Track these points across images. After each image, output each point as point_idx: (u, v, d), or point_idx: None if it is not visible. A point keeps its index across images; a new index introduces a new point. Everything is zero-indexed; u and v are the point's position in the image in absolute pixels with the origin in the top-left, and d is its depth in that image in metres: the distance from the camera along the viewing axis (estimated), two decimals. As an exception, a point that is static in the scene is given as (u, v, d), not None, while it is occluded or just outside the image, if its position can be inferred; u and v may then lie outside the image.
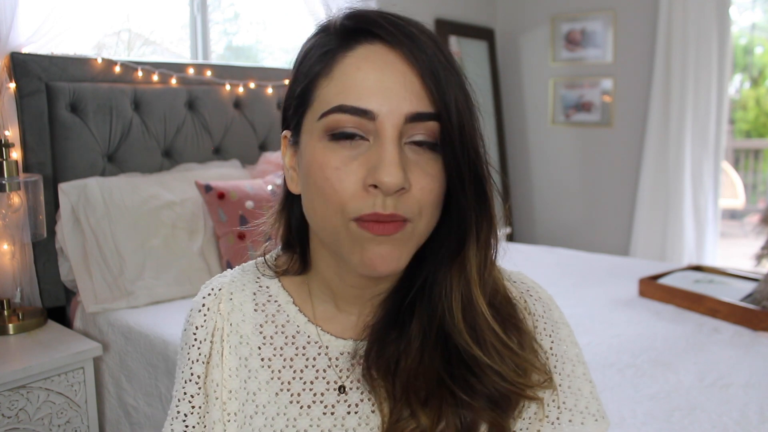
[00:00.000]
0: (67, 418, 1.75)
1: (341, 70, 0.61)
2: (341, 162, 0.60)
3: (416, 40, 0.60)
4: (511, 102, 4.03)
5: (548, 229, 3.95)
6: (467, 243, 0.65)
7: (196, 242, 2.17)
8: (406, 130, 0.60)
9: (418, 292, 0.68)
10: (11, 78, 1.94)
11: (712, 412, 1.39)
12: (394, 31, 0.60)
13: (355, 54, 0.61)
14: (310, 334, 0.71)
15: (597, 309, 2.05)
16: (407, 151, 0.61)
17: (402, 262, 0.63)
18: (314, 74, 0.63)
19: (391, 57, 0.60)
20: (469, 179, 0.62)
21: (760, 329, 1.84)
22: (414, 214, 0.61)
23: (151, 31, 2.80)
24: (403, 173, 0.59)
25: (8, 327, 1.82)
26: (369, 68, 0.60)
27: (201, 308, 0.72)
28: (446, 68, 0.61)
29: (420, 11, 3.42)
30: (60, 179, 2.04)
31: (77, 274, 1.98)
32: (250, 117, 2.59)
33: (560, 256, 2.78)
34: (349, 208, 0.60)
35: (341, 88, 0.61)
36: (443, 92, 0.60)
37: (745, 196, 5.77)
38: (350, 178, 0.60)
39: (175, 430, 0.70)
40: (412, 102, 0.60)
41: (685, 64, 3.29)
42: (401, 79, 0.60)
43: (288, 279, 0.75)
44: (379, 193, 0.59)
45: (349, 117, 0.60)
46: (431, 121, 0.60)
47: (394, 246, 0.62)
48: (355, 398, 0.69)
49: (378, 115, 0.59)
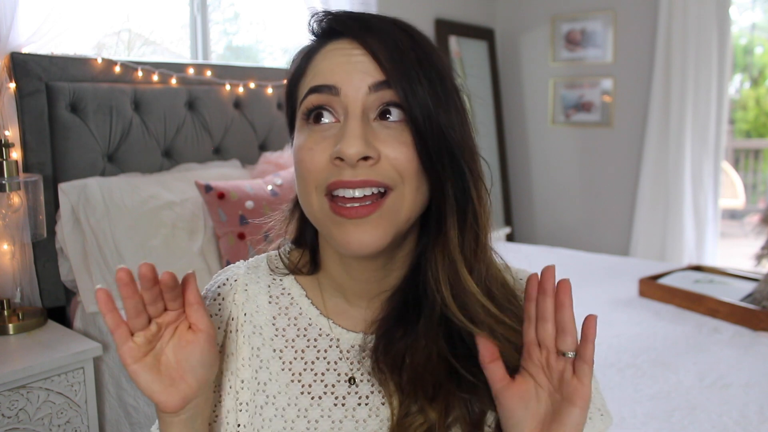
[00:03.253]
0: (67, 418, 1.75)
1: (313, 64, 0.67)
2: (314, 142, 0.64)
3: (377, 31, 0.64)
4: (511, 102, 4.03)
5: (548, 229, 3.95)
6: (446, 219, 0.66)
7: (196, 242, 2.17)
8: (371, 103, 0.63)
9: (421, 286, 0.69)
10: (11, 78, 1.94)
11: (712, 412, 1.39)
12: (356, 25, 0.65)
13: (324, 49, 0.66)
14: (321, 327, 0.72)
15: (597, 309, 2.05)
16: (377, 126, 0.63)
17: (384, 240, 0.63)
18: (296, 77, 0.69)
19: (356, 45, 0.64)
20: (436, 147, 0.63)
21: (760, 329, 1.84)
22: (395, 180, 0.63)
23: (151, 31, 2.80)
24: (363, 143, 0.61)
25: (8, 327, 1.82)
26: (334, 55, 0.65)
27: (216, 297, 0.74)
28: (407, 46, 0.64)
29: (420, 11, 3.42)
30: (60, 179, 2.04)
31: (77, 274, 1.98)
32: (250, 117, 2.59)
33: (560, 256, 2.78)
34: (319, 180, 0.63)
35: (312, 77, 0.66)
36: (399, 65, 0.62)
37: (745, 196, 5.77)
38: (320, 155, 0.63)
39: None
40: (372, 75, 0.63)
41: (685, 64, 3.29)
42: (364, 59, 0.63)
43: (300, 275, 0.76)
44: (346, 165, 0.61)
45: (317, 96, 0.64)
46: (391, 90, 0.63)
47: (373, 226, 0.62)
48: (366, 390, 0.70)
49: (341, 88, 0.63)
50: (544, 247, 3.00)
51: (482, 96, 3.83)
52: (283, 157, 2.50)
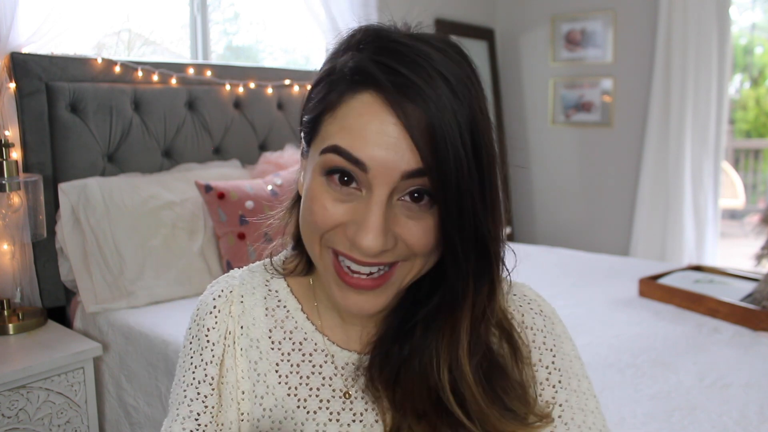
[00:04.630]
0: (67, 418, 1.75)
1: (344, 111, 0.60)
2: (329, 202, 0.60)
3: (416, 92, 0.56)
4: (511, 102, 4.03)
5: (548, 229, 3.95)
6: (462, 309, 0.64)
7: (196, 242, 2.17)
8: (399, 187, 0.59)
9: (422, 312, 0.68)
10: (11, 78, 1.94)
11: (712, 412, 1.39)
12: (391, 85, 0.57)
13: (359, 98, 0.59)
14: (317, 342, 0.72)
15: (597, 309, 2.05)
16: (399, 208, 0.60)
17: (384, 306, 0.64)
18: (322, 108, 0.62)
19: (388, 110, 0.57)
20: (466, 243, 0.60)
21: (760, 329, 1.84)
22: (407, 256, 0.62)
23: (151, 31, 2.80)
24: (383, 238, 0.58)
25: (8, 327, 1.82)
26: (369, 117, 0.58)
27: (212, 310, 0.72)
28: (449, 120, 0.56)
29: (420, 11, 3.39)
30: (60, 179, 2.04)
31: (77, 274, 1.98)
32: (250, 117, 2.59)
33: (560, 256, 2.78)
34: (326, 238, 0.62)
35: (341, 129, 0.59)
36: (437, 149, 0.56)
37: (745, 196, 5.76)
38: (333, 218, 0.60)
39: (186, 428, 0.68)
40: (409, 160, 0.57)
41: (685, 64, 3.29)
42: (399, 133, 0.57)
43: (295, 282, 0.75)
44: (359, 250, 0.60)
45: (343, 161, 0.59)
46: (426, 177, 0.58)
47: (375, 296, 0.63)
48: (360, 407, 0.70)
49: (370, 168, 0.58)
50: (544, 247, 3.00)
51: (482, 96, 3.82)
52: (283, 157, 2.50)
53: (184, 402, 0.70)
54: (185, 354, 0.73)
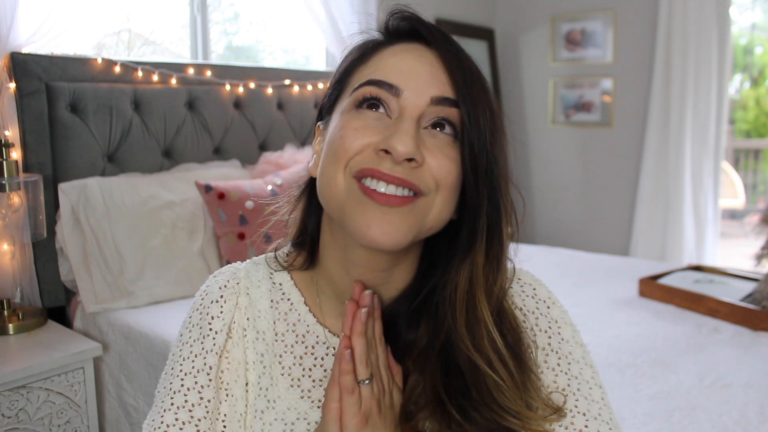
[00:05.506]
0: (67, 418, 1.75)
1: (378, 57, 0.66)
2: (361, 125, 0.63)
3: (453, 44, 0.65)
4: (511, 102, 4.03)
5: (548, 229, 3.95)
6: (476, 243, 0.66)
7: (196, 242, 2.17)
8: (428, 113, 0.63)
9: (427, 298, 0.68)
10: (11, 78, 1.94)
11: (712, 412, 1.39)
12: (435, 33, 0.65)
13: (393, 47, 0.67)
14: (318, 334, 0.73)
15: (597, 309, 2.05)
16: (426, 134, 0.63)
17: (404, 238, 0.62)
18: (352, 62, 0.68)
19: (427, 52, 0.65)
20: (483, 175, 0.64)
21: (760, 329, 1.84)
22: (430, 187, 0.63)
23: (151, 31, 2.80)
24: (415, 145, 0.61)
25: (8, 327, 1.82)
26: (403, 54, 0.65)
27: (218, 299, 0.72)
28: (475, 72, 0.65)
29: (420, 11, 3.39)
30: (60, 179, 2.04)
31: (77, 274, 1.98)
32: (250, 117, 2.59)
33: (560, 256, 2.78)
34: (353, 162, 0.63)
35: (374, 69, 0.65)
36: (468, 85, 0.63)
37: (745, 196, 5.76)
38: (363, 140, 0.63)
39: (180, 418, 0.67)
40: (438, 87, 0.63)
41: (685, 64, 3.29)
42: (431, 68, 0.64)
43: (298, 275, 0.76)
44: (389, 158, 0.61)
45: (376, 89, 0.64)
46: (454, 108, 0.63)
47: (400, 219, 0.62)
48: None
49: (403, 91, 0.63)
50: (544, 247, 3.00)
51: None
52: (283, 157, 2.50)
53: (180, 391, 0.68)
54: (183, 342, 0.72)
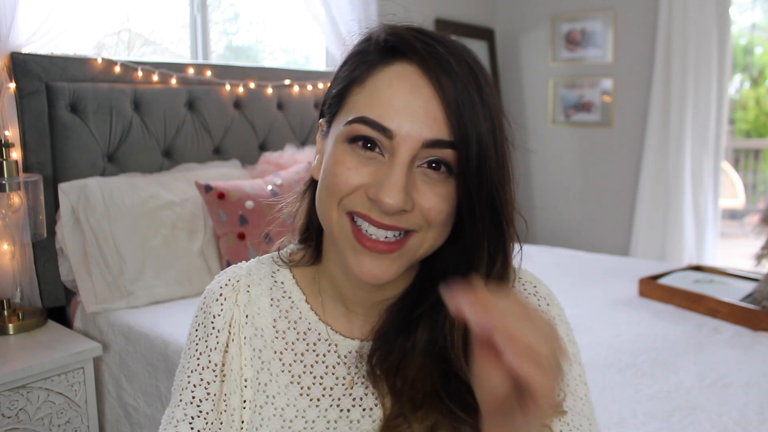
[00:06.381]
0: (67, 418, 1.75)
1: (373, 83, 0.64)
2: (354, 164, 0.63)
3: (449, 67, 0.61)
4: (511, 102, 4.03)
5: (548, 229, 3.95)
6: (477, 269, 0.66)
7: (196, 242, 2.17)
8: (420, 155, 0.62)
9: (426, 304, 0.69)
10: (11, 78, 1.94)
11: (712, 412, 1.39)
12: (428, 56, 0.62)
13: (389, 70, 0.63)
14: (320, 332, 0.74)
15: (597, 309, 2.05)
16: (418, 174, 0.63)
17: (395, 275, 0.64)
18: (350, 80, 0.66)
19: (422, 81, 0.62)
20: (483, 211, 0.63)
21: (760, 329, 1.84)
22: (421, 226, 0.63)
23: (151, 31, 2.80)
24: (404, 196, 0.60)
25: (8, 327, 1.82)
26: (398, 87, 0.62)
27: (219, 298, 0.74)
28: (475, 97, 0.62)
29: (420, 11, 3.39)
30: (60, 179, 2.04)
31: (77, 274, 1.98)
32: (250, 117, 2.59)
33: (560, 256, 2.78)
34: (345, 201, 0.63)
35: (369, 100, 0.63)
36: (465, 123, 0.61)
37: (745, 196, 5.76)
38: (356, 179, 0.62)
39: (188, 413, 0.70)
40: (432, 128, 0.61)
41: (685, 64, 3.29)
42: (427, 104, 0.61)
43: (301, 273, 0.77)
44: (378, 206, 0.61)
45: (369, 129, 0.62)
46: (448, 149, 0.62)
47: (389, 262, 0.63)
48: (360, 392, 0.72)
49: (396, 135, 0.61)
50: (544, 247, 3.00)
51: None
52: (283, 157, 2.50)
53: (188, 388, 0.72)
54: (190, 341, 0.75)
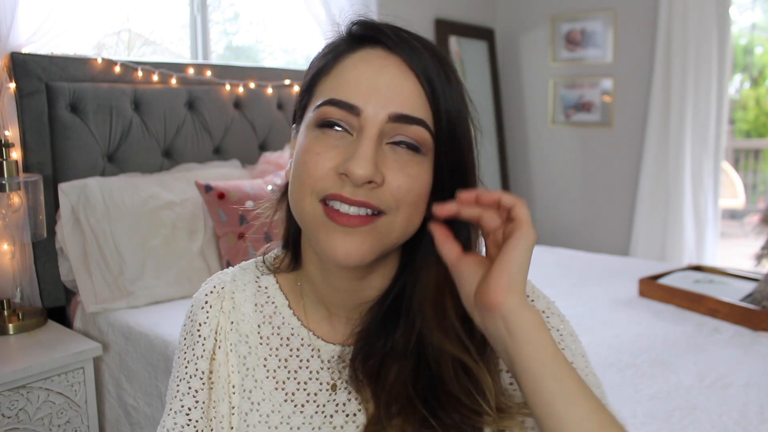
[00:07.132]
0: (67, 418, 1.75)
1: (340, 68, 0.65)
2: (322, 148, 0.63)
3: (415, 49, 0.63)
4: (511, 102, 4.03)
5: (548, 229, 3.94)
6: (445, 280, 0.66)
7: (196, 242, 2.17)
8: (389, 130, 0.62)
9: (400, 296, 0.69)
10: (11, 78, 1.94)
11: (712, 412, 1.39)
12: (395, 38, 0.64)
13: (355, 55, 0.65)
14: (303, 337, 0.73)
15: (597, 309, 2.05)
16: (387, 151, 0.63)
17: (369, 255, 0.63)
18: (317, 70, 0.67)
19: (389, 60, 0.63)
20: (453, 188, 0.64)
21: (760, 329, 1.84)
22: (390, 206, 0.63)
23: (151, 31, 2.80)
24: (373, 167, 0.60)
25: (8, 327, 1.82)
26: (364, 68, 0.63)
27: (204, 305, 0.75)
28: (443, 77, 0.64)
29: (420, 11, 3.42)
30: (60, 179, 2.04)
31: (77, 274, 1.98)
32: (250, 117, 2.59)
33: (560, 256, 2.78)
34: (318, 187, 0.63)
35: (336, 84, 0.64)
36: (436, 99, 0.63)
37: (745, 196, 5.76)
38: (326, 163, 0.62)
39: (178, 422, 0.71)
40: (399, 104, 0.62)
41: (685, 64, 3.29)
42: (393, 81, 0.63)
43: (284, 278, 0.77)
44: (349, 181, 0.61)
45: (336, 110, 0.63)
46: (416, 126, 0.62)
47: (361, 238, 0.63)
48: (343, 397, 0.72)
49: (363, 111, 0.62)
50: (544, 247, 2.99)
51: (482, 96, 3.82)
52: (283, 157, 2.50)
53: (177, 396, 0.72)
54: (180, 350, 0.75)
